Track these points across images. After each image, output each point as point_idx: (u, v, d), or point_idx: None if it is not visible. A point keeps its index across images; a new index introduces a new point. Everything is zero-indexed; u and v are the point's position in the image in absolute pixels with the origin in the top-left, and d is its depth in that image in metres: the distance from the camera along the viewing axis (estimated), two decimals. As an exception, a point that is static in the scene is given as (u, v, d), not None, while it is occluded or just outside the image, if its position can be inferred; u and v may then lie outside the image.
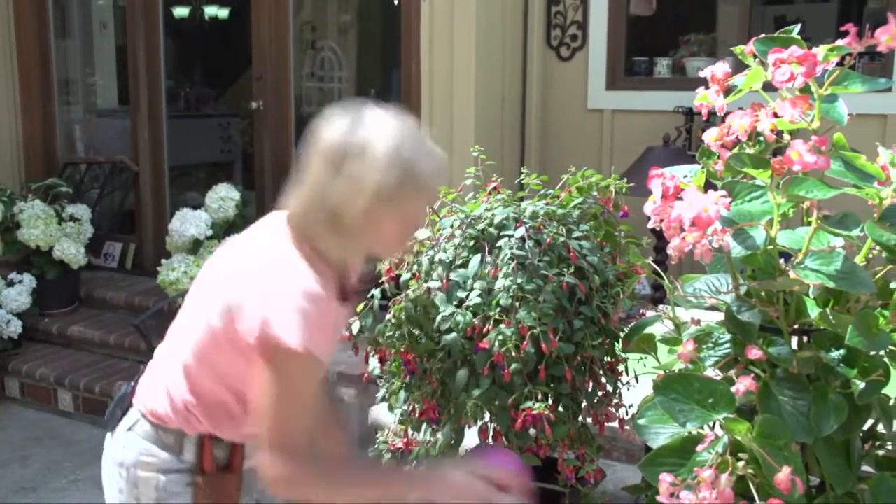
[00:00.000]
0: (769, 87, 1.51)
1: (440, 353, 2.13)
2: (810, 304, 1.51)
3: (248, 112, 5.43)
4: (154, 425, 1.72)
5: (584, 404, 2.20)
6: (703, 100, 1.61)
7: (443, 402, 2.19)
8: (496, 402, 2.09)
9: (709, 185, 1.54)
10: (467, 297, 2.10)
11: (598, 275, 2.15)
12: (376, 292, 2.31)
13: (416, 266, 2.24)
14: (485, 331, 2.05)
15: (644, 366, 1.84)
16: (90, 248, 5.26)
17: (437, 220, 2.33)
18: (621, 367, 2.24)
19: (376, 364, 2.30)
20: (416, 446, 2.25)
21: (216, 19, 8.75)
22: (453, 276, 2.14)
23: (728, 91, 1.58)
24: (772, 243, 1.46)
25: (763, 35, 1.56)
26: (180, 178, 6.66)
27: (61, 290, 5.20)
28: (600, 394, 2.21)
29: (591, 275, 2.14)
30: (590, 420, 2.23)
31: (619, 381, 2.24)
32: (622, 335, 2.00)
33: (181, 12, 8.30)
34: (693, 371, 1.51)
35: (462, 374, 2.11)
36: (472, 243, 2.20)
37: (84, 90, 6.71)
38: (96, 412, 4.42)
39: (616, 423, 2.24)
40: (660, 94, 4.43)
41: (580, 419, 2.20)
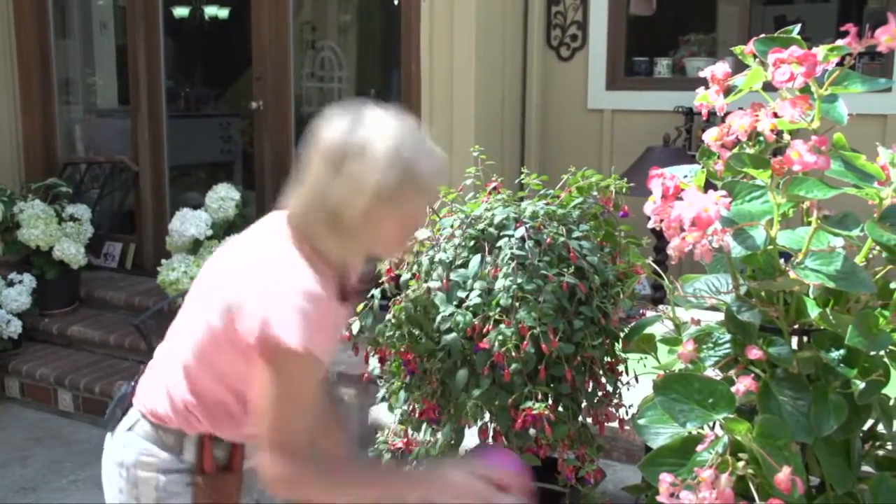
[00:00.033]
0: (769, 87, 1.51)
1: (440, 353, 2.13)
2: (810, 304, 1.51)
3: (248, 112, 5.43)
4: (154, 425, 1.72)
5: (584, 404, 2.20)
6: (703, 100, 1.61)
7: (443, 402, 2.18)
8: (496, 402, 2.09)
9: (709, 185, 1.54)
10: (467, 297, 2.10)
11: (598, 275, 2.15)
12: (376, 292, 2.31)
13: (416, 266, 2.24)
14: (485, 331, 2.05)
15: (644, 366, 1.84)
16: (90, 248, 5.26)
17: (437, 220, 2.33)
18: (621, 367, 2.24)
19: (376, 364, 2.30)
20: (416, 446, 2.25)
21: (216, 19, 8.74)
22: (453, 276, 2.14)
23: (728, 91, 1.58)
24: (772, 243, 1.46)
25: (763, 35, 1.56)
26: (180, 178, 6.66)
27: (61, 290, 5.19)
28: (600, 394, 2.21)
29: (591, 275, 2.14)
30: (590, 420, 2.23)
31: (619, 381, 2.24)
32: (622, 335, 2.00)
33: (181, 12, 8.30)
34: (693, 371, 1.51)
35: (462, 374, 2.11)
36: (472, 243, 2.20)
37: (84, 90, 6.71)
38: (96, 412, 4.42)
39: (616, 423, 2.24)
40: (660, 94, 4.43)
41: (580, 419, 2.20)
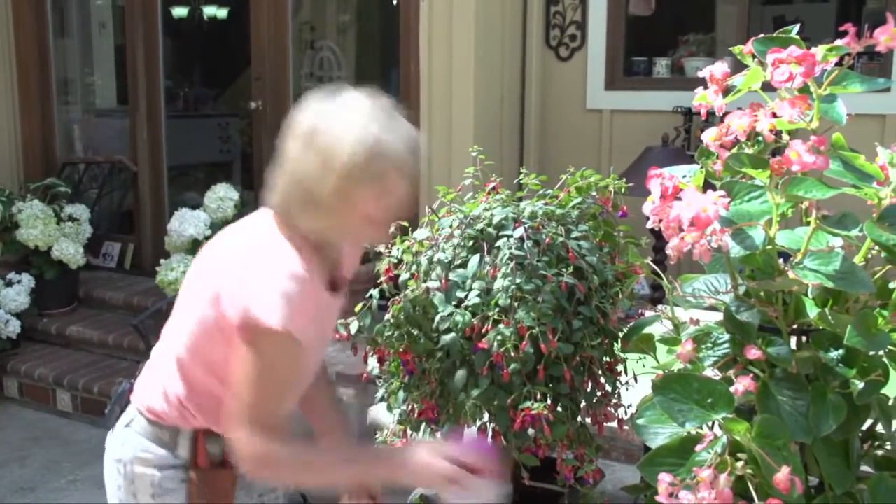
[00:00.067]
0: (768, 87, 1.51)
1: (439, 354, 2.13)
2: (809, 304, 1.51)
3: (247, 112, 5.43)
4: (150, 422, 1.73)
5: (582, 404, 2.20)
6: (701, 100, 1.61)
7: (441, 402, 2.18)
8: (495, 402, 2.09)
9: (708, 185, 1.54)
10: (466, 297, 2.10)
11: (596, 275, 2.15)
12: (374, 292, 2.31)
13: (414, 266, 2.24)
14: (484, 331, 2.05)
15: (643, 366, 1.84)
16: (89, 248, 5.26)
17: (436, 220, 2.33)
18: (620, 367, 2.24)
19: (375, 364, 2.30)
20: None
21: (215, 19, 8.74)
22: (452, 276, 2.14)
23: (727, 91, 1.58)
24: (771, 243, 1.46)
25: (762, 35, 1.56)
26: (179, 178, 6.65)
27: (60, 290, 5.19)
28: (599, 394, 2.21)
29: (590, 275, 2.14)
30: (589, 420, 2.23)
31: (618, 381, 2.24)
32: (621, 335, 2.00)
33: (180, 12, 8.30)
34: (692, 371, 1.51)
35: (461, 374, 2.11)
36: (470, 243, 2.20)
37: (83, 90, 6.70)
38: (95, 412, 4.42)
39: (615, 423, 2.24)
40: (659, 94, 4.43)
41: (579, 419, 2.20)
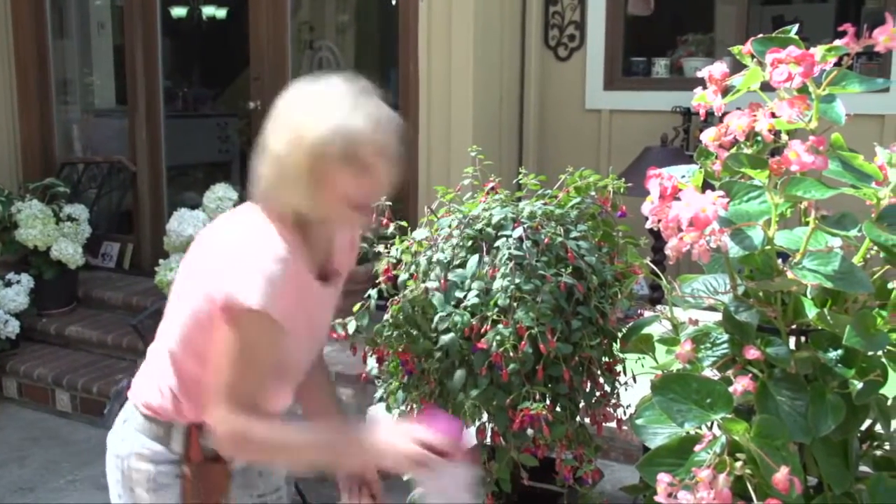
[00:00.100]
0: (767, 87, 1.51)
1: (438, 354, 2.13)
2: (808, 305, 1.50)
3: (246, 112, 5.42)
4: (146, 417, 1.74)
5: (581, 404, 2.20)
6: (700, 100, 1.61)
7: (441, 402, 2.18)
8: (494, 403, 2.09)
9: (707, 186, 1.54)
10: (465, 297, 2.10)
11: (595, 275, 2.15)
12: (373, 292, 2.31)
13: (413, 266, 2.24)
14: (483, 331, 2.05)
15: (642, 366, 1.83)
16: (88, 248, 5.25)
17: (435, 220, 2.33)
18: (619, 368, 2.24)
19: (374, 364, 2.30)
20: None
21: (214, 19, 8.74)
22: (451, 277, 2.14)
23: (726, 91, 1.58)
24: (769, 243, 1.46)
25: (761, 35, 1.56)
26: (178, 178, 6.64)
27: (59, 290, 5.18)
28: (598, 394, 2.21)
29: (589, 275, 2.14)
30: (588, 420, 2.23)
31: (617, 381, 2.24)
32: (620, 335, 2.00)
33: (179, 12, 8.30)
34: (691, 371, 1.51)
35: (460, 374, 2.11)
36: (469, 243, 2.20)
37: (82, 90, 6.70)
38: (94, 412, 4.42)
39: (614, 424, 2.24)
40: (657, 95, 4.43)
41: (578, 419, 2.20)
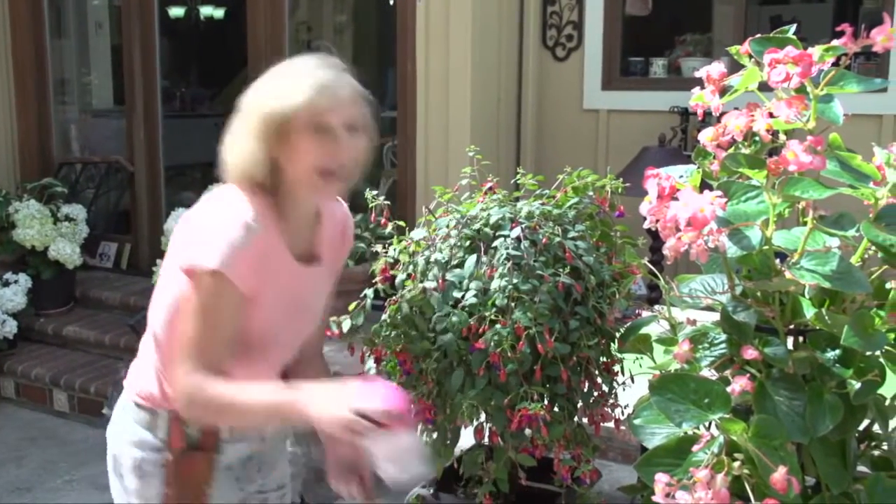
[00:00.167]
0: (765, 87, 1.51)
1: (436, 354, 2.13)
2: (806, 305, 1.50)
3: (244, 112, 5.42)
4: (136, 404, 1.76)
5: (579, 404, 2.20)
6: (698, 100, 1.61)
7: (438, 402, 2.18)
8: (492, 403, 2.09)
9: (704, 186, 1.54)
10: (463, 297, 2.10)
11: (593, 275, 2.15)
12: (369, 292, 2.31)
13: (411, 266, 2.23)
14: (481, 331, 2.05)
15: (640, 366, 1.83)
16: (85, 248, 5.25)
17: (433, 220, 2.33)
18: (617, 368, 2.24)
19: (372, 364, 2.30)
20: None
21: (212, 19, 8.74)
22: (449, 277, 2.14)
23: (724, 91, 1.58)
24: (767, 243, 1.46)
25: (759, 35, 1.56)
26: (176, 178, 6.64)
27: (57, 290, 5.18)
28: (596, 394, 2.21)
29: (587, 275, 2.14)
30: (585, 420, 2.23)
31: (615, 381, 2.24)
32: (618, 335, 2.00)
33: (177, 12, 8.30)
34: (689, 371, 1.51)
35: (458, 374, 2.11)
36: (467, 243, 2.20)
37: (79, 90, 6.69)
38: (91, 412, 4.41)
39: (612, 424, 2.24)
40: (655, 95, 4.43)
41: (576, 419, 2.20)
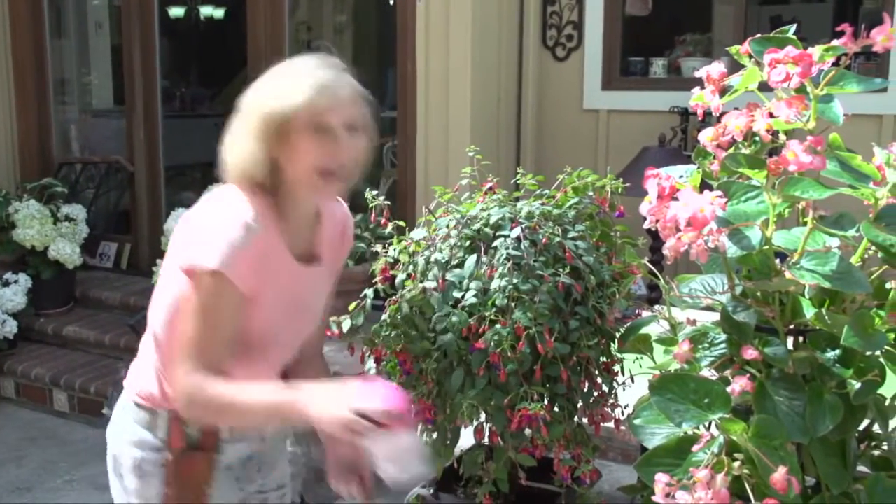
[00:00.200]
0: (765, 87, 1.51)
1: (436, 354, 2.13)
2: (806, 305, 1.50)
3: (244, 112, 5.42)
4: (136, 404, 1.76)
5: (579, 404, 2.20)
6: (698, 100, 1.61)
7: (438, 402, 2.18)
8: (492, 403, 2.09)
9: (704, 186, 1.54)
10: (463, 297, 2.10)
11: (593, 275, 2.15)
12: (369, 292, 2.31)
13: (411, 266, 2.23)
14: (481, 331, 2.05)
15: (640, 366, 1.83)
16: (85, 248, 5.25)
17: (433, 220, 2.33)
18: (617, 368, 2.24)
19: (372, 364, 2.30)
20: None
21: (212, 19, 8.74)
22: (449, 277, 2.14)
23: (724, 91, 1.58)
24: (767, 243, 1.46)
25: (759, 35, 1.56)
26: (176, 178, 6.64)
27: (56, 290, 5.18)
28: (596, 394, 2.21)
29: (587, 275, 2.14)
30: (585, 420, 2.23)
31: (615, 381, 2.24)
32: (618, 335, 2.00)
33: (177, 12, 8.30)
34: (689, 371, 1.51)
35: (458, 374, 2.11)
36: (467, 243, 2.20)
37: (79, 90, 6.69)
38: (91, 412, 4.41)
39: (612, 424, 2.24)
40: (655, 95, 4.43)
41: (576, 419, 2.20)
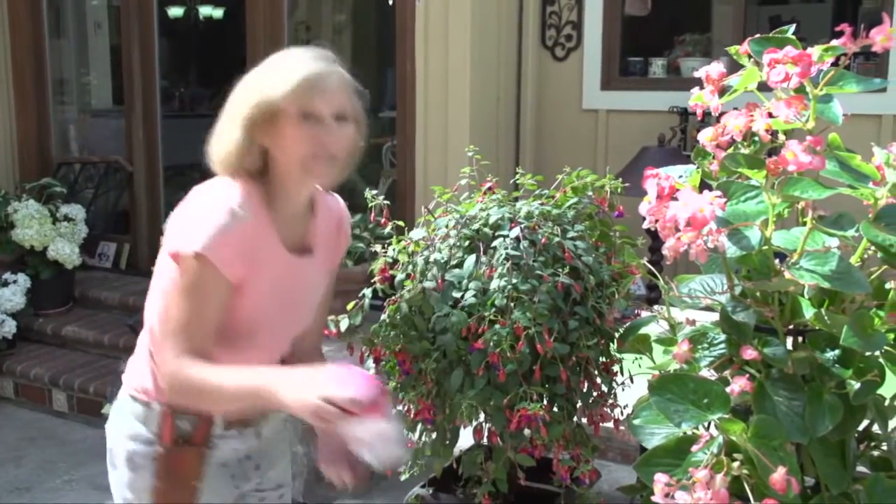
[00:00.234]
0: (764, 87, 1.51)
1: (435, 354, 2.13)
2: (805, 305, 1.50)
3: (243, 112, 5.41)
4: (132, 397, 1.76)
5: (579, 405, 2.20)
6: (697, 100, 1.61)
7: (438, 402, 2.18)
8: (491, 403, 2.09)
9: (704, 186, 1.54)
10: (462, 297, 2.10)
11: (593, 275, 2.15)
12: (367, 291, 2.31)
13: (410, 266, 2.23)
14: (480, 331, 2.05)
15: (639, 366, 1.83)
16: (84, 248, 5.24)
17: (432, 220, 2.33)
18: (616, 368, 2.24)
19: (371, 364, 2.29)
20: (411, 446, 2.24)
21: (211, 19, 8.74)
22: (448, 277, 2.14)
23: (723, 91, 1.58)
24: (767, 243, 1.46)
25: (758, 35, 1.55)
26: (175, 178, 6.62)
27: (56, 290, 5.18)
28: (595, 394, 2.21)
29: (586, 275, 2.13)
30: (585, 420, 2.23)
31: (614, 381, 2.24)
32: (617, 335, 2.00)
33: (176, 12, 8.30)
34: (688, 371, 1.51)
35: (457, 374, 2.11)
36: (467, 243, 2.20)
37: (78, 90, 6.68)
38: (90, 412, 4.41)
39: (611, 424, 2.24)
40: (655, 95, 4.43)
41: (575, 419, 2.20)
